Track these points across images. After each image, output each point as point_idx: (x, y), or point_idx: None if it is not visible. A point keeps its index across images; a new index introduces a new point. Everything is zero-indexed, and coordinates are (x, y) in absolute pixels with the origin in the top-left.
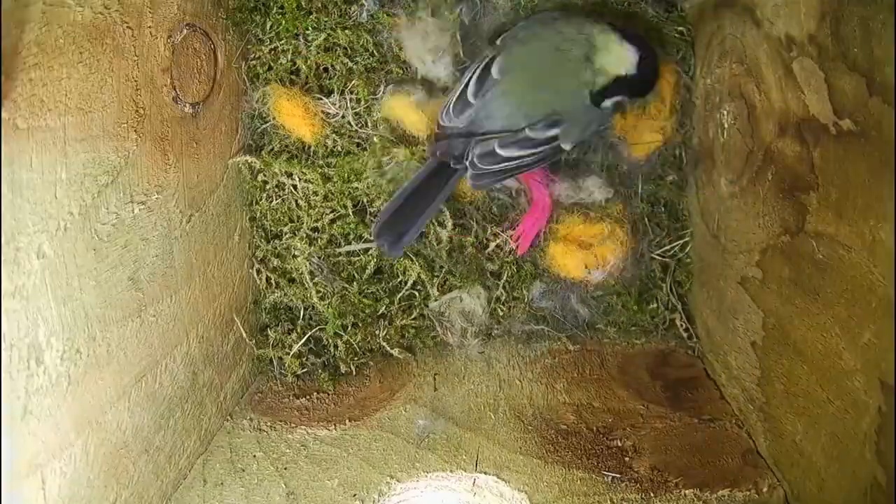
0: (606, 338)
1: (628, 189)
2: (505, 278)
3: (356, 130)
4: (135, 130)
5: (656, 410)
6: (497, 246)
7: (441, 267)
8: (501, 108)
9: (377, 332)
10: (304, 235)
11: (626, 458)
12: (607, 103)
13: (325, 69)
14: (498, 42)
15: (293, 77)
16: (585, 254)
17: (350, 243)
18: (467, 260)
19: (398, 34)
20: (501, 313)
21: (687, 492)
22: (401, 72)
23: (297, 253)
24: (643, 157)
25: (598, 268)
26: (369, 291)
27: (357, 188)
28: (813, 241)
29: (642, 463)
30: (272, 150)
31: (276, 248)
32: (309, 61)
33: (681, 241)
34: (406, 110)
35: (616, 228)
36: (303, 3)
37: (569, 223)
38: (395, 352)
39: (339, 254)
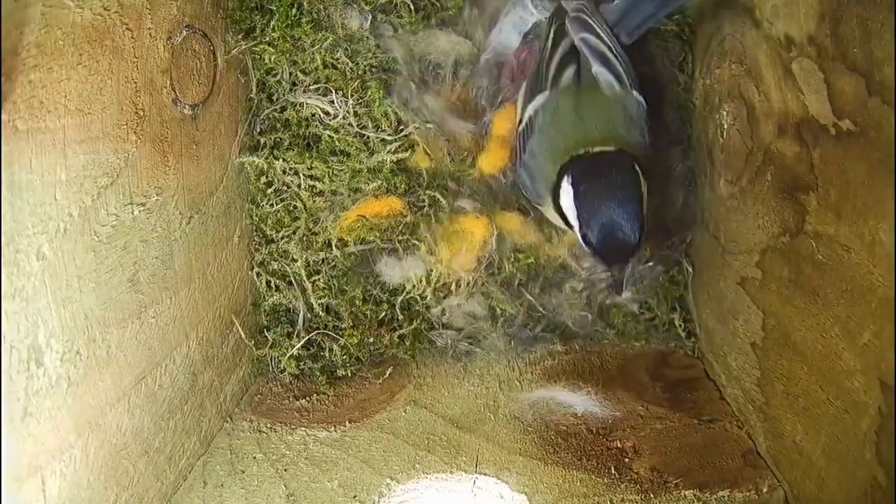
0: (606, 339)
1: None
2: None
3: (357, 132)
4: (134, 132)
5: (656, 411)
6: None
7: None
8: None
9: (379, 339)
10: (303, 237)
11: (626, 459)
12: None
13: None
14: None
15: (300, 76)
16: None
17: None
18: None
19: None
20: (500, 313)
21: (687, 492)
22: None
23: (295, 256)
24: None
25: None
26: (370, 295)
27: (360, 188)
28: (812, 241)
29: (642, 464)
30: (279, 143)
31: (273, 251)
32: (314, 62)
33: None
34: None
35: None
36: (304, 4)
37: None
38: (399, 353)
39: (338, 256)
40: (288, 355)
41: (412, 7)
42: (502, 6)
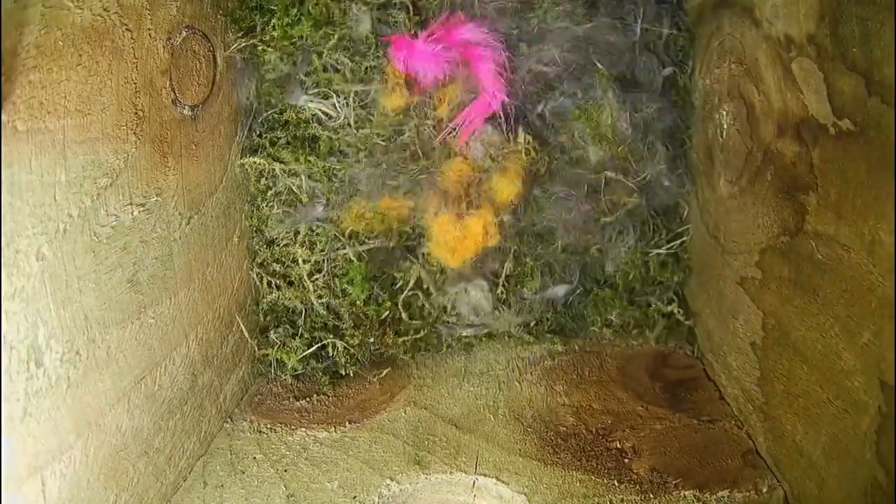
0: (605, 339)
1: None
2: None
3: (356, 133)
4: (134, 133)
5: (656, 412)
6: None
7: None
8: None
9: (380, 339)
10: (304, 237)
11: (626, 460)
12: None
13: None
14: None
15: (301, 77)
16: None
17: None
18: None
19: None
20: (503, 310)
21: (686, 493)
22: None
23: (296, 256)
24: None
25: None
26: (371, 295)
27: (361, 189)
28: (812, 241)
29: (642, 464)
30: (278, 144)
31: (274, 251)
32: (318, 62)
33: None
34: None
35: None
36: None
37: None
38: (399, 353)
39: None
40: (296, 358)
41: (410, 9)
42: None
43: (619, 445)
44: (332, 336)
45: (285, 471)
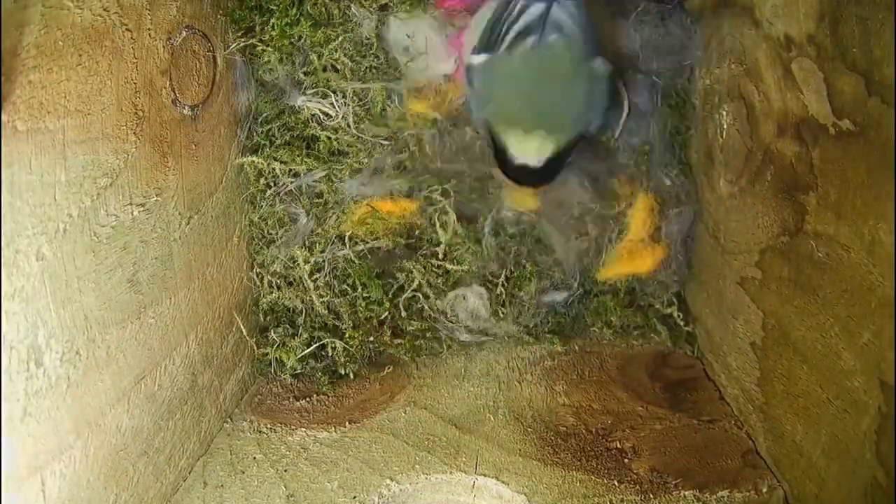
0: (605, 339)
1: None
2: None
3: (355, 135)
4: (134, 133)
5: (656, 412)
6: None
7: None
8: None
9: (380, 338)
10: (304, 237)
11: (626, 460)
12: None
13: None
14: None
15: (300, 77)
16: None
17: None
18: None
19: None
20: (502, 314)
21: (686, 493)
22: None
23: (297, 256)
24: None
25: None
26: (372, 297)
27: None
28: (812, 241)
29: (641, 464)
30: (278, 144)
31: (274, 251)
32: (317, 62)
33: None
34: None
35: None
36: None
37: None
38: (399, 353)
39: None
40: (295, 357)
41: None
42: None
43: (619, 445)
44: (331, 336)
45: (285, 471)
